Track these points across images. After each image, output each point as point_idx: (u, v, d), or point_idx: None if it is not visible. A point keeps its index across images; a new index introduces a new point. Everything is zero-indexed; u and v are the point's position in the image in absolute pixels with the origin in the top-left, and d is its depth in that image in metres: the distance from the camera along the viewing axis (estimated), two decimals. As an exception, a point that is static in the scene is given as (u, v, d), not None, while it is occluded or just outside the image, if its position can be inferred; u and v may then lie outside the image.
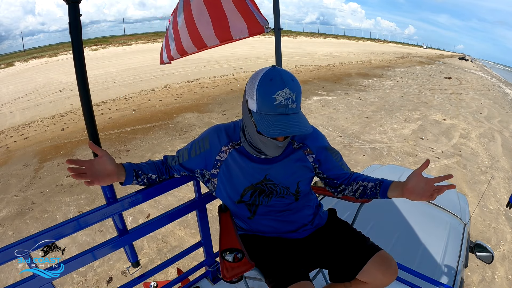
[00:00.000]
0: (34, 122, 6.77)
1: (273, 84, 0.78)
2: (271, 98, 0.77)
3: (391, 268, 0.96)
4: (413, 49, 47.10)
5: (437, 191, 0.86)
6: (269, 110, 0.79)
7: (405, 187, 0.90)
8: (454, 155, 5.78)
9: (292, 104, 0.79)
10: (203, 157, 0.99)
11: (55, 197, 3.86)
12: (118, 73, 11.27)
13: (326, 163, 1.02)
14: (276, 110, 0.78)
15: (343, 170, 1.04)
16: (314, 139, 1.00)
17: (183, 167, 1.02)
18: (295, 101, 0.79)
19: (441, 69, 21.93)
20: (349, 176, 1.03)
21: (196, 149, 1.00)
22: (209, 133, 1.01)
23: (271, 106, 0.78)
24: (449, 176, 0.88)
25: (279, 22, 1.60)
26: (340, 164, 1.04)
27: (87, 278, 2.64)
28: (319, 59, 18.50)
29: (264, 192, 0.99)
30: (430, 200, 0.88)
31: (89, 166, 0.86)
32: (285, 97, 0.77)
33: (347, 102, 9.17)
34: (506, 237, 3.55)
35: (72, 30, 0.85)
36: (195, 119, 6.81)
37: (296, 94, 0.79)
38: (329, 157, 1.02)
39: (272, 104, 0.78)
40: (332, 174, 1.03)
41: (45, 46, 18.90)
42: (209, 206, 1.29)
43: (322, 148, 1.01)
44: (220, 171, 0.99)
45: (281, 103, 0.77)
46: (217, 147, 0.98)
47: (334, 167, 1.03)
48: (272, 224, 1.06)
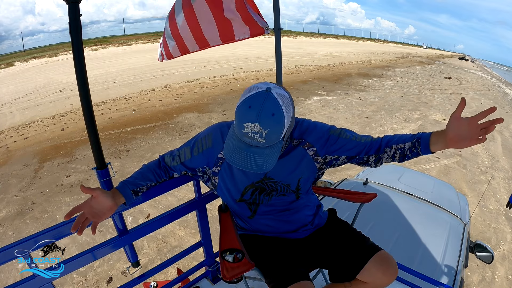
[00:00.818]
0: (34, 122, 6.77)
1: (248, 114, 0.77)
2: (242, 125, 0.78)
3: (391, 268, 0.96)
4: (413, 49, 47.10)
5: (485, 130, 0.76)
6: (238, 133, 0.80)
7: (448, 137, 0.81)
8: (454, 155, 5.78)
9: (260, 139, 0.78)
10: (205, 155, 0.99)
11: (55, 197, 3.86)
12: (118, 73, 11.27)
13: (335, 144, 0.96)
14: (242, 138, 0.80)
15: (361, 142, 0.95)
16: (310, 132, 0.98)
17: (185, 166, 1.01)
18: (265, 137, 0.77)
19: (441, 69, 21.93)
20: (376, 144, 0.94)
21: (198, 147, 0.99)
22: (212, 131, 1.00)
23: (240, 132, 0.79)
24: (493, 109, 0.75)
25: (279, 22, 1.60)
26: (354, 138, 0.96)
27: (87, 278, 2.64)
28: (319, 59, 18.51)
29: (264, 190, 0.99)
30: (481, 142, 0.77)
31: (89, 210, 0.84)
32: (253, 131, 0.77)
33: (347, 102, 9.17)
34: (506, 237, 3.55)
35: (72, 30, 0.85)
36: (195, 119, 6.81)
37: (269, 131, 0.77)
38: (333, 138, 0.96)
39: (241, 131, 0.79)
40: (351, 152, 0.96)
41: (45, 46, 18.90)
42: (209, 206, 1.29)
43: (322, 134, 0.97)
44: (222, 169, 0.98)
45: (248, 134, 0.78)
46: (220, 145, 0.97)
47: (347, 144, 0.95)
48: (272, 224, 1.06)
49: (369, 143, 0.95)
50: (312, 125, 0.99)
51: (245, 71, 12.49)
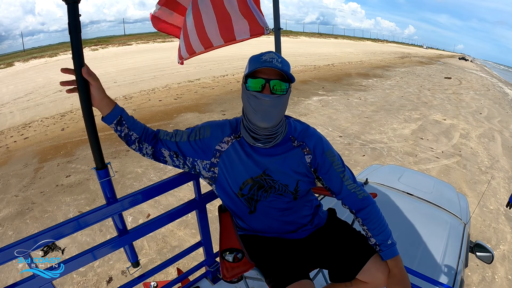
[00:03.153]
0: (34, 122, 6.77)
1: (262, 54, 0.92)
2: (259, 58, 0.90)
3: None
4: (413, 49, 47.10)
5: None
6: (257, 65, 0.88)
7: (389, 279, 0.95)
8: (454, 155, 5.78)
9: (277, 63, 0.88)
10: (200, 145, 0.99)
11: (55, 197, 3.86)
12: (118, 73, 11.27)
13: (324, 168, 0.99)
14: (262, 64, 0.88)
15: (346, 188, 1.00)
16: (314, 140, 0.99)
17: (178, 147, 1.00)
18: (280, 63, 0.89)
19: (441, 69, 21.93)
20: (358, 204, 1.00)
21: (196, 134, 1.00)
22: (211, 124, 1.03)
23: (259, 62, 0.89)
24: None
25: (279, 22, 1.60)
26: (342, 177, 1.00)
27: (87, 278, 2.64)
28: (319, 59, 18.50)
29: (263, 187, 0.99)
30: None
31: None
32: (271, 57, 0.89)
33: (347, 102, 9.17)
34: (506, 237, 3.55)
35: (71, 30, 0.85)
36: (195, 119, 6.81)
37: (282, 60, 0.90)
38: (327, 163, 0.99)
39: (260, 60, 0.89)
40: (331, 185, 1.01)
41: (45, 46, 18.91)
42: (209, 206, 1.29)
43: (320, 150, 0.99)
44: (220, 160, 0.99)
45: (267, 59, 0.88)
46: (218, 137, 0.99)
47: (333, 177, 1.00)
48: (272, 224, 1.06)
49: (353, 195, 1.01)
50: (317, 135, 1.02)
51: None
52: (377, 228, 0.98)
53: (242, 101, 0.95)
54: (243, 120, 0.98)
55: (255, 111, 0.90)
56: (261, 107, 0.89)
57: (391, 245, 0.96)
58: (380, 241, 0.97)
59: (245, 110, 0.96)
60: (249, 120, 0.94)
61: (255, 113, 0.90)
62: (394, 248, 0.97)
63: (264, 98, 0.88)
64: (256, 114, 0.90)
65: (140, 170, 4.49)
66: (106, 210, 0.97)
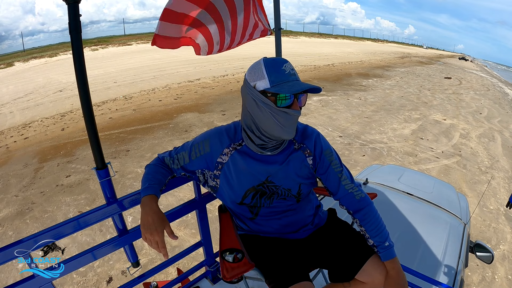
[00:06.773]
0: (34, 122, 6.77)
1: (277, 61, 0.88)
2: (281, 70, 0.86)
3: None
4: (413, 49, 47.11)
5: None
6: (283, 78, 0.86)
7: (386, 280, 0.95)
8: (454, 155, 5.78)
9: (296, 76, 0.89)
10: (203, 159, 0.99)
11: (55, 197, 3.86)
12: (118, 73, 11.28)
13: (322, 167, 0.99)
14: (289, 78, 0.86)
15: (344, 188, 1.00)
16: (313, 140, 0.99)
17: (185, 170, 1.02)
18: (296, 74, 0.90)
19: (441, 69, 21.94)
20: (356, 204, 1.00)
21: (196, 151, 0.99)
22: (209, 136, 1.00)
23: (284, 75, 0.86)
24: None
25: (279, 22, 1.60)
26: (340, 177, 1.00)
27: (87, 278, 2.64)
28: (319, 59, 18.51)
29: (265, 194, 0.99)
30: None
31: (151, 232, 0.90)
32: (291, 68, 0.88)
33: (347, 102, 9.17)
34: (506, 237, 3.55)
35: (71, 30, 0.85)
36: (195, 119, 6.81)
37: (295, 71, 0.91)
38: (325, 162, 0.99)
39: (284, 74, 0.86)
40: (329, 185, 1.01)
41: (45, 46, 18.93)
42: (209, 206, 1.29)
43: (319, 150, 0.99)
44: (222, 173, 0.98)
45: (290, 72, 0.87)
46: (218, 150, 0.97)
47: (331, 176, 1.00)
48: (273, 225, 1.06)
49: (350, 196, 1.00)
50: (316, 135, 1.00)
51: (245, 71, 12.49)
52: (374, 230, 0.98)
53: (253, 111, 0.90)
54: (249, 130, 0.94)
55: (283, 126, 0.88)
56: (289, 122, 0.88)
57: (388, 247, 0.96)
58: (378, 242, 0.97)
59: (263, 124, 0.90)
60: (269, 133, 0.90)
61: (283, 128, 0.88)
62: (391, 250, 0.96)
63: (295, 114, 0.87)
64: (283, 129, 0.88)
65: (140, 170, 4.49)
66: (106, 210, 0.97)
